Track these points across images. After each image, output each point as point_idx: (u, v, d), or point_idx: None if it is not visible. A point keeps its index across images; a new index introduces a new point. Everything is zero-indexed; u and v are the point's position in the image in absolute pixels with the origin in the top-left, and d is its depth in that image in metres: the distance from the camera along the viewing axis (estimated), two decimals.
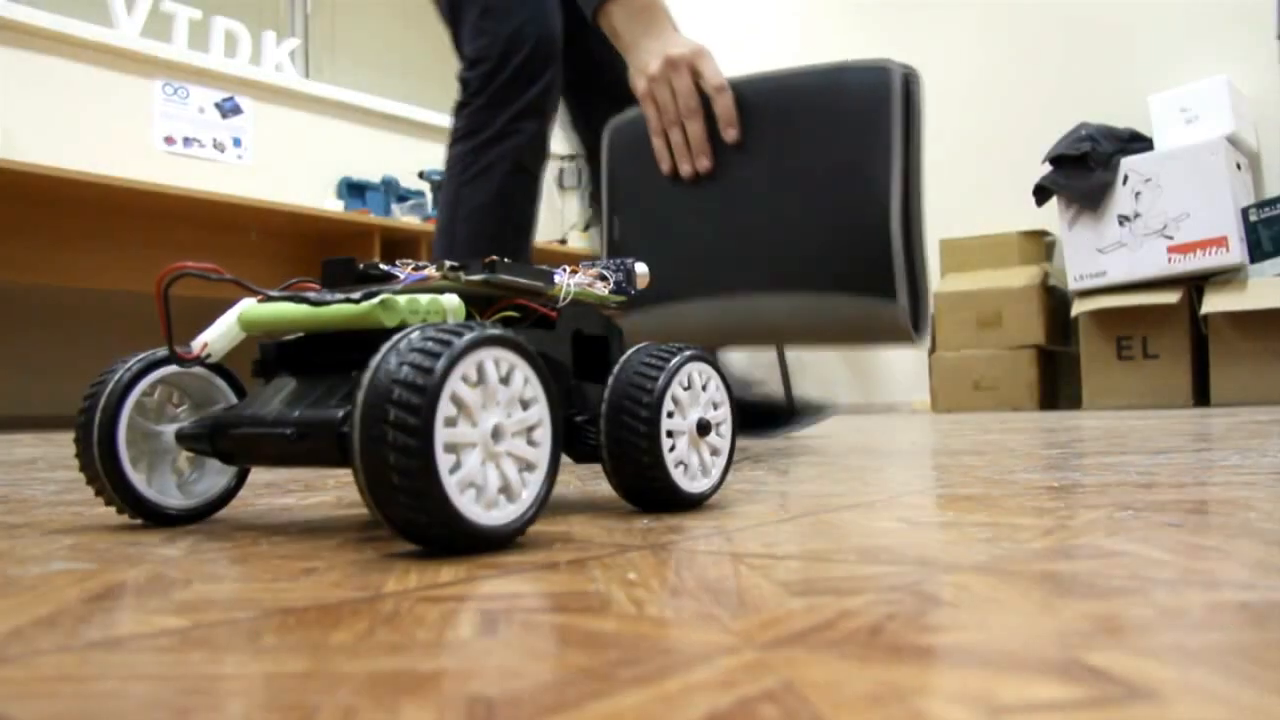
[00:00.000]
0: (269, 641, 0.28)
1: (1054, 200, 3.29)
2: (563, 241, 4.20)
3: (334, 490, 0.77)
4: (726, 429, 0.60)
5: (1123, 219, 3.15)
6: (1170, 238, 3.06)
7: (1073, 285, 3.26)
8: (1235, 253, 2.96)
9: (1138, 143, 3.26)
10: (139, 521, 0.56)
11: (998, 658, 0.25)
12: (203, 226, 3.30)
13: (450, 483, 0.41)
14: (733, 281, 0.93)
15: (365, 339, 0.49)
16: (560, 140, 1.50)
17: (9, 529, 0.56)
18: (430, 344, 0.41)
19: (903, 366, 4.02)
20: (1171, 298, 3.05)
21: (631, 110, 1.06)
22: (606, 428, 0.54)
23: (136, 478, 0.54)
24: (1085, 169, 3.20)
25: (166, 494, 0.56)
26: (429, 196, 3.98)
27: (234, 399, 0.58)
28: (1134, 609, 0.29)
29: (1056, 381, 3.56)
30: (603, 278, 0.62)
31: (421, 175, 4.03)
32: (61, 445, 1.78)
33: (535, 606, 0.32)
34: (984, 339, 3.46)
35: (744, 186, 0.94)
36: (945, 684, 0.22)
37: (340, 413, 0.47)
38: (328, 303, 0.50)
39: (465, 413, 0.42)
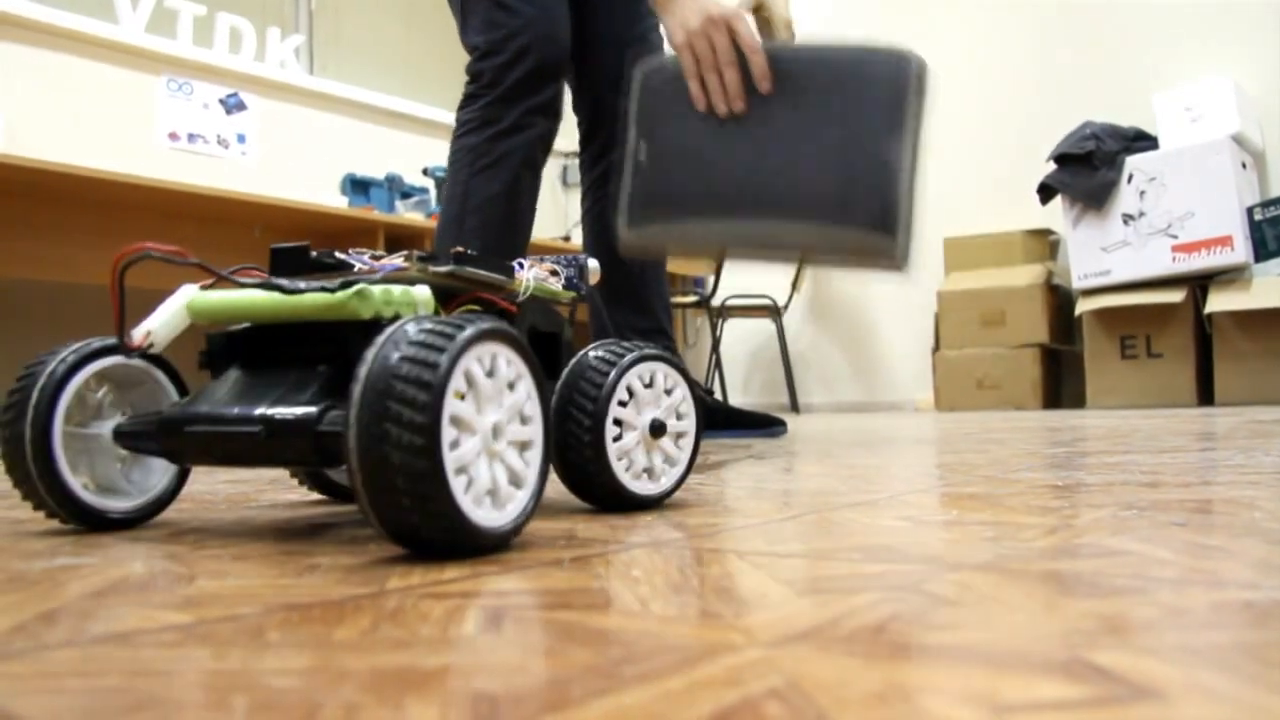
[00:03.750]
0: (273, 637, 0.28)
1: (1058, 199, 3.29)
2: (566, 238, 4.20)
3: None
4: (686, 442, 0.60)
5: (1127, 218, 3.15)
6: (1175, 237, 3.05)
7: (1077, 284, 3.25)
8: (1240, 252, 2.95)
9: (1142, 141, 3.25)
10: (78, 528, 0.53)
11: (1002, 656, 0.24)
12: (206, 223, 3.30)
13: (455, 482, 0.39)
14: (754, 205, 1.09)
15: (330, 331, 0.47)
16: (564, 137, 1.51)
17: (14, 525, 0.56)
18: (432, 338, 0.39)
19: (906, 365, 4.01)
20: (1176, 297, 3.05)
21: (664, 56, 1.19)
22: (556, 425, 0.54)
23: (73, 481, 0.50)
24: (1090, 168, 3.19)
25: (104, 497, 0.52)
26: (433, 193, 3.97)
27: (174, 394, 0.55)
28: (1138, 608, 0.29)
29: (1060, 380, 3.55)
30: (554, 273, 0.61)
31: (426, 172, 4.03)
32: None
33: (539, 603, 0.32)
34: (988, 338, 3.46)
35: (771, 130, 1.10)
36: (949, 682, 0.22)
37: (316, 409, 0.45)
38: (301, 291, 0.48)
39: (469, 405, 0.41)
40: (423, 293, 0.50)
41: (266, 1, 4.08)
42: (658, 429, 0.57)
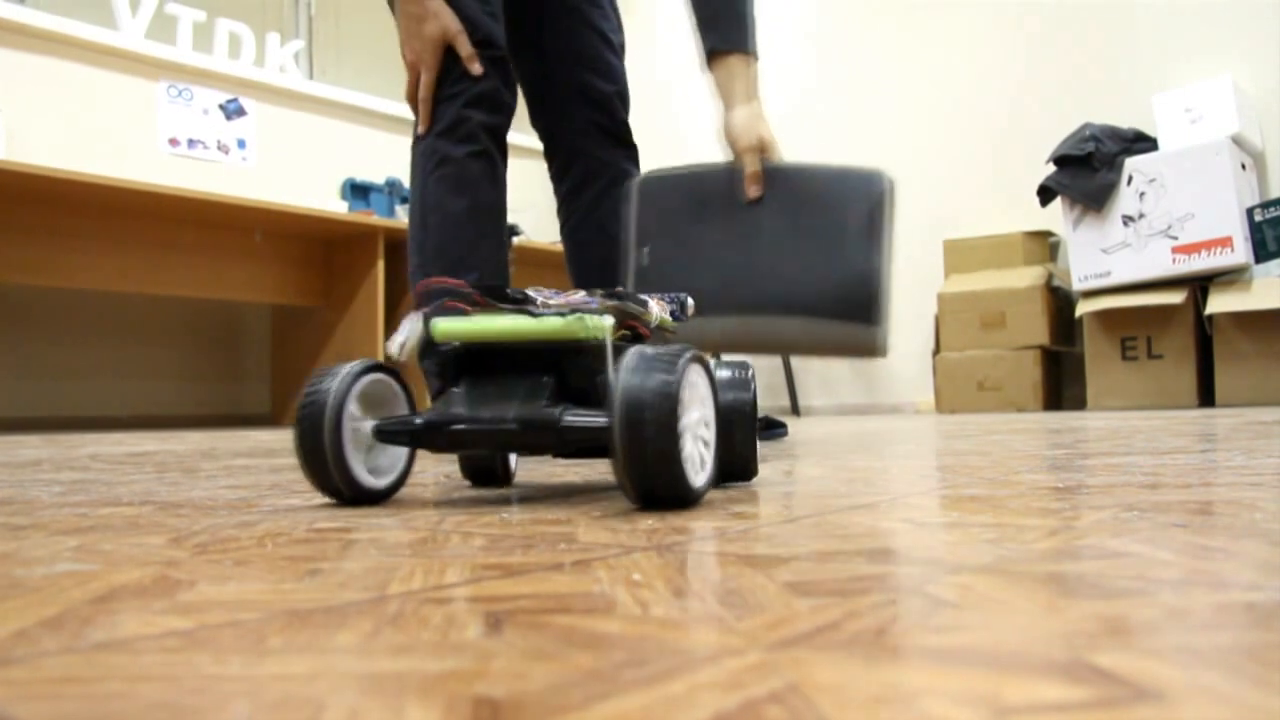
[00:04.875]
0: (274, 643, 0.28)
1: (1058, 201, 3.29)
2: None
3: None
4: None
5: (1127, 219, 3.15)
6: (1175, 238, 3.05)
7: (1077, 285, 3.25)
8: (1240, 253, 2.95)
9: (1142, 143, 3.25)
10: (337, 503, 0.66)
11: (1003, 659, 0.24)
12: (207, 228, 3.31)
13: (684, 460, 0.55)
14: (751, 304, 1.23)
15: (543, 350, 0.63)
16: None
17: (14, 530, 0.56)
18: (663, 360, 0.56)
19: (906, 368, 4.01)
20: (1176, 298, 3.05)
21: (658, 169, 1.35)
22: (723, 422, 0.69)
23: (356, 465, 0.64)
24: (1089, 169, 3.19)
25: (372, 478, 0.66)
26: None
27: (403, 399, 0.69)
28: (1140, 610, 0.29)
29: (1061, 382, 3.55)
30: (663, 305, 0.76)
31: None
32: (66, 447, 1.78)
33: (540, 607, 0.32)
34: (988, 340, 3.46)
35: (761, 236, 1.25)
36: (951, 685, 0.22)
37: (557, 409, 0.61)
38: (542, 317, 0.62)
39: (685, 408, 0.57)
40: (609, 320, 0.64)
41: (266, 6, 4.08)
42: (764, 424, 0.72)
